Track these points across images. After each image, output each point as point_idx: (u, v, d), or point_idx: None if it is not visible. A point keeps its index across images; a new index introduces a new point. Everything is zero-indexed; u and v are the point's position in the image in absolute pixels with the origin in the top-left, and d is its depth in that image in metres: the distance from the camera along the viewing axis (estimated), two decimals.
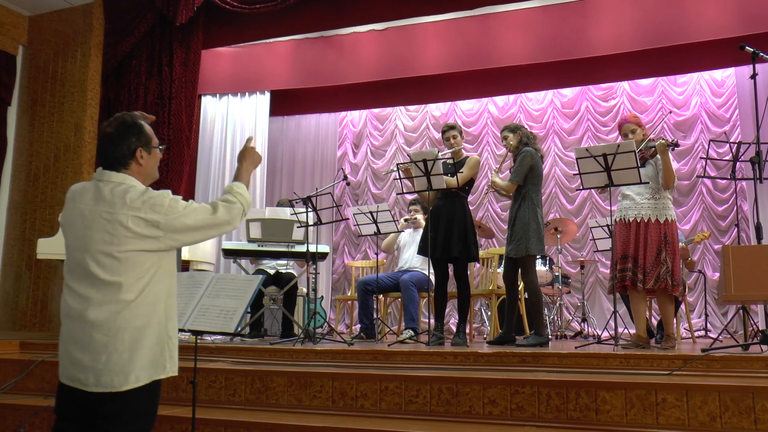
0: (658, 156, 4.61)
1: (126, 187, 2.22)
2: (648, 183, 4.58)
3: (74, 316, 2.15)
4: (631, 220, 4.63)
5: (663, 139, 4.55)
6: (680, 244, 5.71)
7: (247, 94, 8.70)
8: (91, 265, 2.14)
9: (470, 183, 5.37)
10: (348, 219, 6.84)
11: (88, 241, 2.16)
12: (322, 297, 8.18)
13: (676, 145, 4.51)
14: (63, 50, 7.93)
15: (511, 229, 5.06)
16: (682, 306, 5.87)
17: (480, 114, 9.05)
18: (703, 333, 6.75)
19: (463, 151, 5.50)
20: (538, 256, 6.30)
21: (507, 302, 5.17)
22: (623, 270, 4.57)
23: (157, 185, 8.09)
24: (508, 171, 5.33)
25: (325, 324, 7.02)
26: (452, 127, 5.41)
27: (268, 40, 8.38)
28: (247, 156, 2.48)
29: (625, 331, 6.22)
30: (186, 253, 6.32)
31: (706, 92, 8.11)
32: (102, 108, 7.99)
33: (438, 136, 8.55)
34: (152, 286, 2.17)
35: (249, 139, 2.53)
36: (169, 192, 2.25)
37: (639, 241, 4.56)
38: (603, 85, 8.49)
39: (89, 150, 7.68)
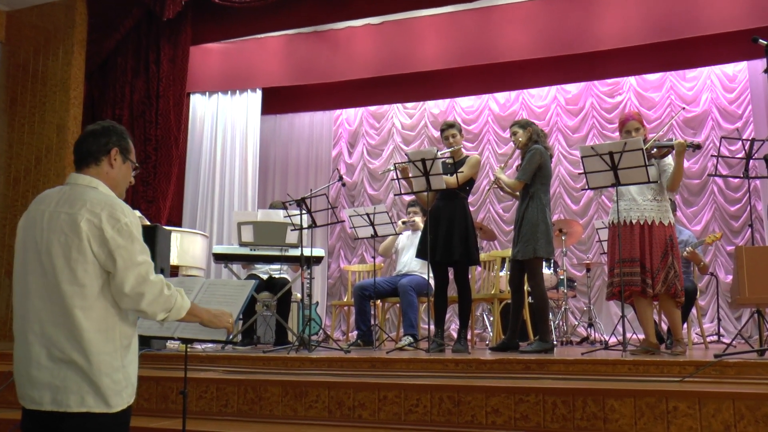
0: (669, 157, 4.59)
1: (91, 188, 2.22)
2: (652, 182, 4.58)
3: (29, 329, 2.12)
4: (633, 222, 4.61)
5: (683, 139, 4.50)
6: (688, 248, 5.71)
7: (237, 92, 8.70)
8: (48, 271, 2.12)
9: (470, 183, 5.37)
10: (344, 221, 6.83)
11: (47, 244, 2.14)
12: (317, 303, 8.17)
13: (699, 147, 4.48)
14: (44, 47, 7.91)
15: (517, 230, 5.05)
16: (693, 310, 5.87)
17: (480, 111, 9.06)
18: (715, 338, 6.75)
19: (462, 150, 5.50)
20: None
21: (512, 307, 5.17)
22: (631, 274, 4.54)
23: (144, 188, 7.99)
24: (515, 168, 5.32)
25: (321, 331, 7.01)
26: (451, 126, 5.41)
27: (259, 36, 8.38)
28: (215, 319, 2.38)
29: (634, 336, 6.22)
30: (175, 258, 6.31)
31: (717, 87, 8.12)
32: (86, 107, 7.97)
33: (437, 134, 8.55)
34: (111, 299, 2.14)
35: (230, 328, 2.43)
36: (135, 215, 2.21)
37: (644, 244, 4.55)
38: (609, 81, 8.50)
39: (73, 151, 7.66)
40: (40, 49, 7.94)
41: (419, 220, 6.37)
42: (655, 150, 4.60)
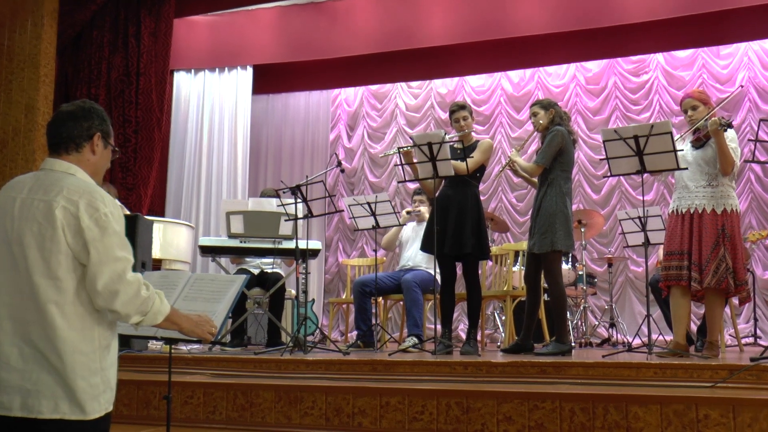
0: (731, 133, 4.56)
1: (68, 175, 2.22)
2: (701, 168, 4.57)
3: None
4: (684, 211, 4.63)
5: (717, 118, 4.47)
6: None
7: (226, 69, 8.68)
8: (19, 262, 2.11)
9: (481, 170, 5.35)
10: (342, 211, 6.82)
11: (19, 233, 2.13)
12: (314, 300, 8.18)
13: (729, 125, 4.46)
14: (10, 19, 7.84)
15: (534, 221, 5.04)
16: (727, 309, 5.87)
17: (492, 91, 9.03)
18: (751, 340, 6.76)
19: (473, 134, 5.49)
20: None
21: (527, 305, 5.17)
22: (678, 268, 4.57)
23: (123, 174, 7.95)
24: (535, 154, 5.30)
25: (317, 331, 7.02)
26: (462, 107, 5.38)
27: (250, 7, 8.35)
28: (197, 328, 2.37)
29: (660, 337, 6.23)
30: (157, 251, 6.31)
31: (756, 65, 8.07)
32: (58, 86, 7.94)
33: (444, 116, 8.53)
34: (89, 296, 2.14)
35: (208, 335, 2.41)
36: (116, 204, 2.20)
37: (693, 234, 4.56)
38: (633, 58, 8.47)
39: (43, 134, 7.59)
40: (5, 21, 7.88)
41: (425, 209, 6.35)
42: (700, 131, 4.60)
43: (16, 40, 7.78)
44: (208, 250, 6.13)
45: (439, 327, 5.45)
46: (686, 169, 4.60)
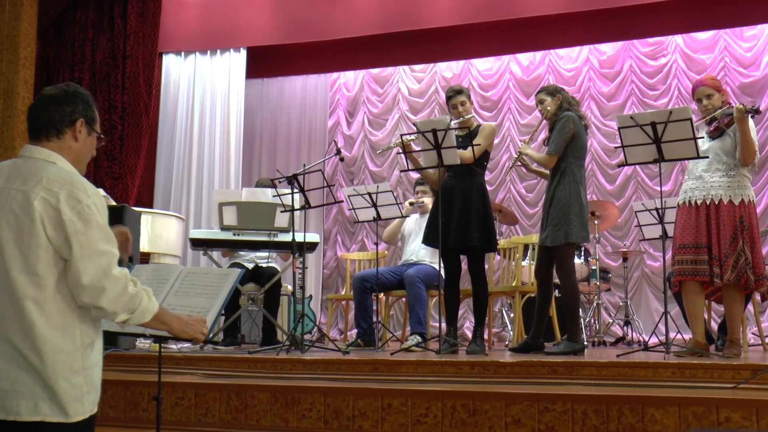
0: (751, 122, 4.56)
1: (49, 163, 2.20)
2: (718, 158, 4.56)
3: None
4: (699, 202, 4.61)
5: (742, 104, 4.46)
6: None
7: (218, 51, 8.67)
8: None
9: (486, 158, 5.36)
10: (342, 202, 6.81)
11: None
12: (311, 296, 8.19)
13: (757, 111, 4.45)
14: None
15: (546, 212, 5.04)
16: (750, 306, 5.86)
17: (500, 75, 9.01)
18: None
19: (475, 118, 5.48)
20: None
21: (537, 301, 5.17)
22: (694, 262, 4.56)
23: (109, 162, 7.95)
24: (541, 142, 5.30)
25: (315, 329, 7.03)
26: (459, 92, 5.37)
27: None
28: (187, 328, 2.37)
29: (678, 336, 6.23)
30: (146, 244, 6.31)
31: None
32: (39, 69, 7.93)
33: None
34: (71, 292, 2.13)
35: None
36: (99, 194, 2.20)
37: (711, 227, 4.55)
38: (650, 40, 8.44)
39: (23, 120, 7.60)
40: None
41: (429, 201, 6.35)
42: (719, 120, 4.59)
43: None
44: (199, 243, 6.13)
45: (443, 325, 5.46)
46: (707, 158, 4.59)
